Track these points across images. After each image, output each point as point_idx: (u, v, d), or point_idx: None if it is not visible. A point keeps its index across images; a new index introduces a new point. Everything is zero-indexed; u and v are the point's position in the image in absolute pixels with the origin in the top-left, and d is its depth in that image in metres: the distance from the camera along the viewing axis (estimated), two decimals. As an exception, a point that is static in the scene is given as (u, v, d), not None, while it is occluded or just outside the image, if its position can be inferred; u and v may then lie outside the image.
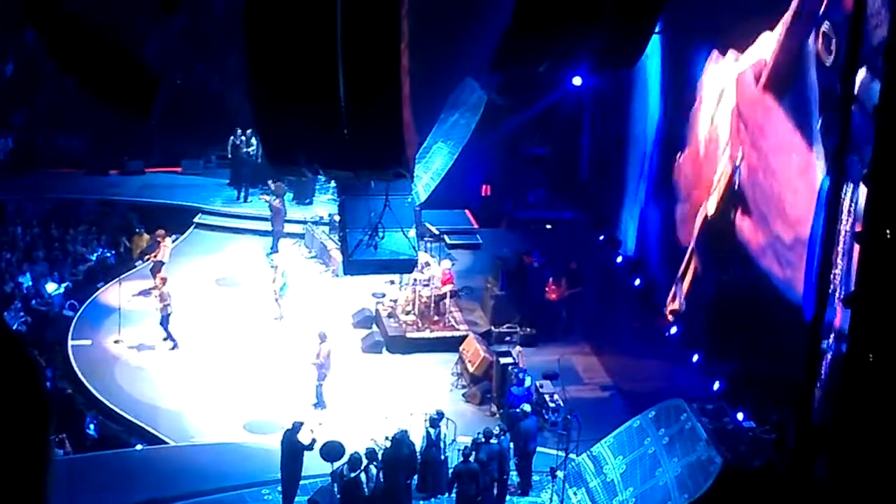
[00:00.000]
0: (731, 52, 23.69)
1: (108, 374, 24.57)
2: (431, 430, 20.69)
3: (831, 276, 15.04)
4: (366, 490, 19.55)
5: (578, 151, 32.59)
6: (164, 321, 25.35)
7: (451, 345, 25.47)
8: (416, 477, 20.60)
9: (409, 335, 25.93)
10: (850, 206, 17.45)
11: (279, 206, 29.75)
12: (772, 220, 21.99)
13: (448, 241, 29.67)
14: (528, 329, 25.91)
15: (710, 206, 24.63)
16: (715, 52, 24.47)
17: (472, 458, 19.92)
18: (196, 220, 31.45)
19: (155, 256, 27.86)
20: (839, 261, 16.93)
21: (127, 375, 24.53)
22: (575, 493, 20.93)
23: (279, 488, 20.54)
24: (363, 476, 19.47)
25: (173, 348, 25.34)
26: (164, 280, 25.74)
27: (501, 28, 10.50)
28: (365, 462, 19.58)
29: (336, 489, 19.80)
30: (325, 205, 31.16)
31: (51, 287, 28.14)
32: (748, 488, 18.80)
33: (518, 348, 24.44)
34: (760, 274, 22.29)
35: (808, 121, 20.57)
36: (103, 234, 30.76)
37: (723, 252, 24.02)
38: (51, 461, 3.85)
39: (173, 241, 29.94)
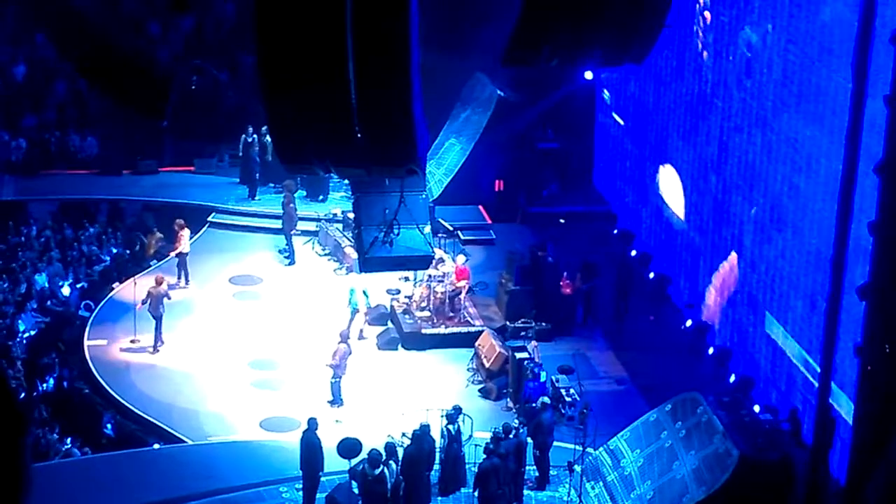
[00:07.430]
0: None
1: (124, 374, 24.64)
2: (451, 427, 20.70)
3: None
4: (388, 487, 19.57)
5: (591, 145, 32.48)
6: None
7: (467, 340, 25.47)
8: (435, 473, 20.64)
9: (424, 331, 25.94)
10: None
11: (291, 207, 29.57)
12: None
13: (462, 236, 29.65)
14: (543, 324, 25.91)
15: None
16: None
17: (492, 454, 19.95)
18: (210, 219, 31.47)
19: (176, 248, 27.93)
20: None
21: (143, 375, 24.58)
22: (592, 487, 20.94)
23: (297, 486, 20.58)
24: (386, 472, 19.48)
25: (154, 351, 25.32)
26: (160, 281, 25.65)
27: (511, 23, 10.49)
28: (384, 458, 19.59)
29: (355, 486, 19.81)
30: (338, 202, 31.12)
31: (66, 288, 28.17)
32: (765, 480, 18.77)
33: (533, 343, 24.43)
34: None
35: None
36: (118, 234, 30.79)
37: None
38: (28, 471, 3.79)
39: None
